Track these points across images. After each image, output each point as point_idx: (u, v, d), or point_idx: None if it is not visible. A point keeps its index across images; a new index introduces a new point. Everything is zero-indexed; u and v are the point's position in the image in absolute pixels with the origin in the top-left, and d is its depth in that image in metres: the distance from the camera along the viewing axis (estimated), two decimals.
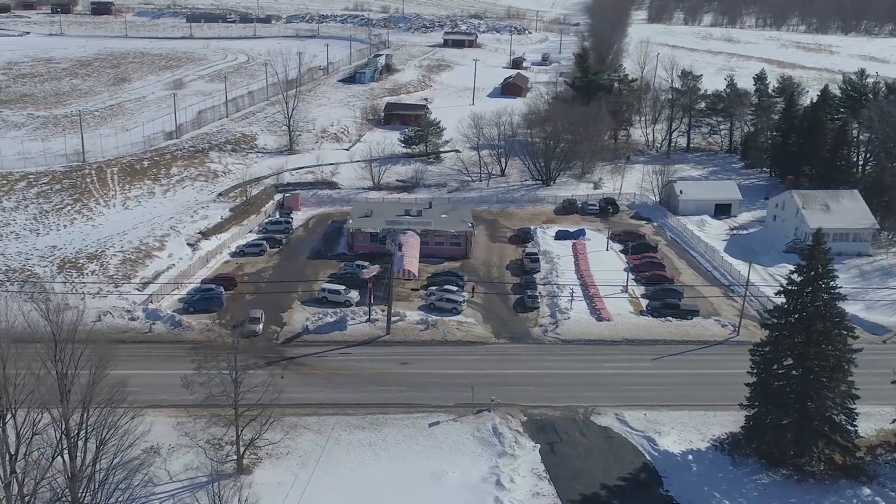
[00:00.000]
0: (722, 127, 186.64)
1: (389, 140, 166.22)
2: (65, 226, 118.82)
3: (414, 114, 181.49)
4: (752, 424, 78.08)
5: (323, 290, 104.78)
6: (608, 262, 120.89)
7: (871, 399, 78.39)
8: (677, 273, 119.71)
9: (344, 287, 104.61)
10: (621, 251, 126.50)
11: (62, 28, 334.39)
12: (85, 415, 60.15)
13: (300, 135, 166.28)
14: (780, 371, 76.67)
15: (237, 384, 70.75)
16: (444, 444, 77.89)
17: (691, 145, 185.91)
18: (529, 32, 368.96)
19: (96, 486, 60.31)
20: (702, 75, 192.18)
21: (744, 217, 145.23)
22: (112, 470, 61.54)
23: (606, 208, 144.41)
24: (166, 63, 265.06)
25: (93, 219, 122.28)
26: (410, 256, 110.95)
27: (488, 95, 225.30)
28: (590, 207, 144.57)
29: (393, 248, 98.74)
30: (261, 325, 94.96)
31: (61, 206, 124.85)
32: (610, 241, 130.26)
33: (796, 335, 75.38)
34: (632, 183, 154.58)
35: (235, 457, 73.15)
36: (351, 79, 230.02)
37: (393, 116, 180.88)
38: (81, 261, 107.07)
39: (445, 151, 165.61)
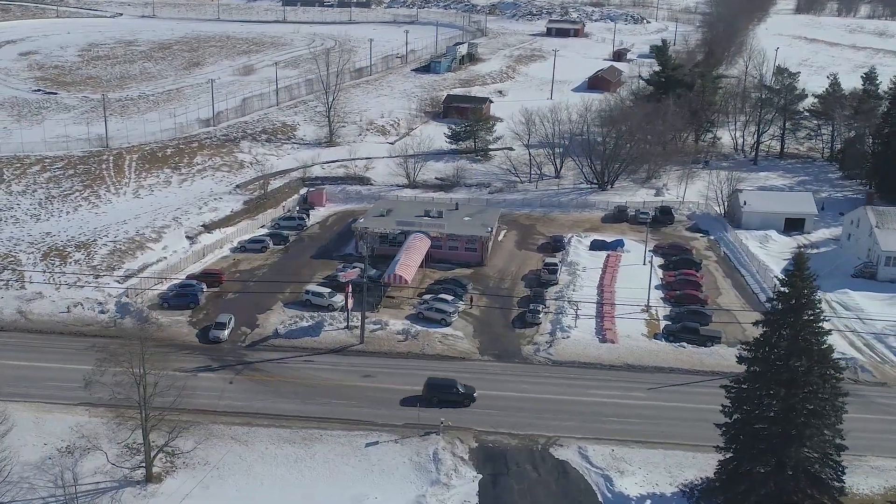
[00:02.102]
0: (823, 131, 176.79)
1: (441, 134, 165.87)
2: (67, 212, 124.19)
3: (474, 107, 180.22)
4: (725, 471, 73.39)
5: (307, 292, 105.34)
6: (640, 278, 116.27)
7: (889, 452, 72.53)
8: (716, 294, 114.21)
9: (329, 290, 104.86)
10: (660, 266, 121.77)
11: (154, 10, 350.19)
12: None
13: (343, 126, 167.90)
14: (757, 412, 71.65)
15: (142, 384, 71.46)
16: (375, 467, 76.80)
17: (786, 151, 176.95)
18: (647, 22, 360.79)
19: None
20: (799, 72, 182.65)
21: (820, 234, 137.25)
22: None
23: (660, 218, 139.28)
24: (247, 48, 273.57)
25: (98, 206, 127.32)
26: (407, 261, 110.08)
27: (573, 89, 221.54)
28: (642, 216, 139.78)
29: (366, 250, 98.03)
30: (226, 332, 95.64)
31: (69, 192, 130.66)
32: (652, 254, 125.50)
33: (773, 373, 70.26)
34: (698, 191, 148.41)
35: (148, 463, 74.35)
36: (426, 68, 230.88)
37: (452, 109, 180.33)
38: (69, 249, 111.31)
39: (495, 149, 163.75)
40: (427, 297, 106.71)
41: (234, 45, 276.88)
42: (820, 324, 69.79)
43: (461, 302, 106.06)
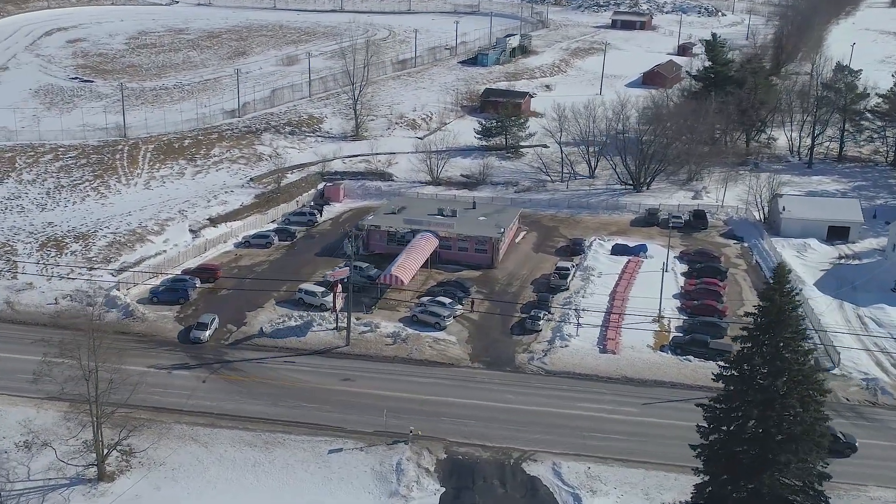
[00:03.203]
0: (887, 133, 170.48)
1: (473, 130, 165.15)
2: (74, 202, 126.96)
3: (513, 101, 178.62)
4: (700, 496, 71.05)
5: (300, 290, 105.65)
6: (659, 286, 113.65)
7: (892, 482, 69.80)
8: (738, 305, 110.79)
9: (323, 290, 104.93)
10: (683, 274, 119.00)
11: None
12: None
13: (373, 120, 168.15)
14: (732, 434, 69.16)
15: (92, 379, 72.22)
16: (334, 475, 76.61)
17: (845, 154, 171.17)
18: (723, 14, 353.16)
19: None
20: (861, 70, 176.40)
21: (866, 244, 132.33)
22: None
23: (693, 222, 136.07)
24: (297, 37, 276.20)
25: (106, 197, 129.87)
26: (407, 261, 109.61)
27: (626, 85, 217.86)
28: (673, 220, 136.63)
29: (350, 249, 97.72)
30: (208, 333, 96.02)
31: (79, 181, 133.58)
32: (677, 260, 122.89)
33: (749, 393, 67.74)
34: (737, 195, 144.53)
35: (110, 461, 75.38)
36: (473, 60, 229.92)
37: (489, 104, 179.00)
38: (68, 240, 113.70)
39: (528, 146, 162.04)
40: (425, 299, 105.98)
41: (285, 35, 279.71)
42: (801, 342, 66.89)
43: (459, 306, 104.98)
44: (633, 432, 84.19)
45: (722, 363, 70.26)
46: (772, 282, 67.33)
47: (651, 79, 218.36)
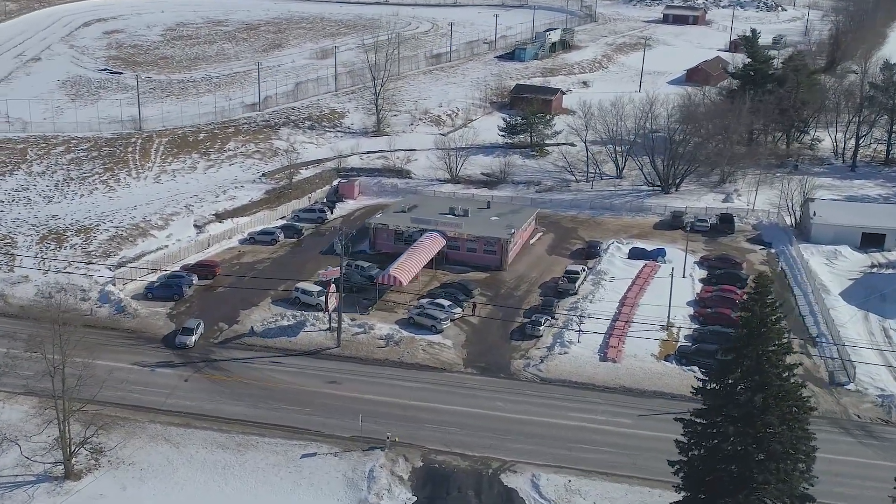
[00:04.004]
0: None
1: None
2: (81, 195, 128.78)
3: (543, 98, 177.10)
4: None
5: (296, 289, 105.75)
6: (675, 292, 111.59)
7: None
8: None
9: (319, 289, 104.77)
10: (701, 280, 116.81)
11: None
12: None
13: (396, 115, 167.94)
14: (710, 451, 67.46)
15: (57, 374, 72.79)
16: (304, 480, 76.44)
17: (893, 157, 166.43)
18: (783, 9, 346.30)
19: None
20: None
21: None
22: None
23: (720, 226, 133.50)
24: (336, 30, 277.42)
25: (115, 190, 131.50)
26: (408, 261, 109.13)
27: (669, 82, 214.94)
28: (699, 224, 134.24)
29: (340, 248, 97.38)
30: (193, 338, 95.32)
31: (89, 174, 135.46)
32: (697, 266, 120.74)
33: (729, 408, 66.01)
34: (767, 199, 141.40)
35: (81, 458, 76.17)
36: (510, 55, 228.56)
37: (519, 100, 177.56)
38: (69, 234, 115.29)
39: (555, 144, 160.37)
40: (424, 301, 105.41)
41: (324, 27, 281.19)
42: (784, 356, 64.92)
43: (459, 309, 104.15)
44: (624, 445, 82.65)
45: (701, 376, 68.44)
46: (753, 292, 65.72)
47: (694, 76, 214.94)
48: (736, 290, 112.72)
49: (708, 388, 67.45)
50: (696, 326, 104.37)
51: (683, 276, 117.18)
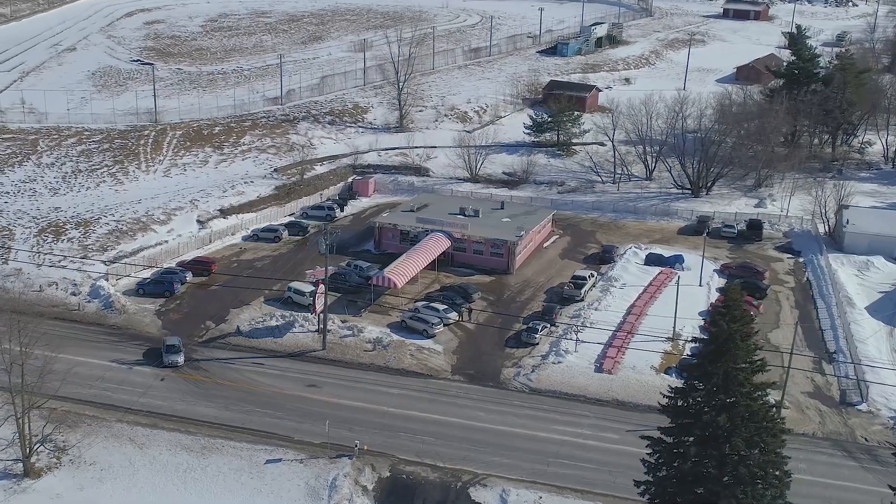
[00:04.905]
0: None
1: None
2: (87, 188, 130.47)
3: (577, 95, 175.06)
4: None
5: (289, 288, 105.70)
6: (687, 301, 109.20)
7: None
8: (771, 328, 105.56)
9: (312, 289, 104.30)
10: (718, 289, 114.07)
11: None
12: None
13: (421, 111, 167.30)
14: (675, 472, 65.60)
15: (14, 368, 73.37)
16: (265, 487, 76.14)
17: None
18: (853, 4, 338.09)
19: None
20: None
21: None
22: None
23: (747, 233, 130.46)
24: (381, 22, 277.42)
25: (122, 183, 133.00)
26: (406, 263, 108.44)
27: (718, 80, 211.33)
28: (725, 230, 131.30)
29: (323, 249, 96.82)
30: (181, 356, 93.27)
31: (98, 167, 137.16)
32: (716, 274, 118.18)
33: (694, 428, 64.12)
34: (801, 205, 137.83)
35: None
36: (552, 50, 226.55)
37: (552, 97, 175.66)
38: (68, 227, 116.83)
39: (584, 143, 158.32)
40: (420, 304, 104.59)
41: (369, 19, 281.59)
42: (753, 374, 62.77)
43: (454, 313, 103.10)
44: (605, 461, 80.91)
45: (667, 392, 66.54)
46: (721, 305, 63.77)
47: (745, 74, 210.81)
48: (752, 300, 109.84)
49: (674, 405, 65.57)
50: (704, 337, 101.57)
51: (700, 285, 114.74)
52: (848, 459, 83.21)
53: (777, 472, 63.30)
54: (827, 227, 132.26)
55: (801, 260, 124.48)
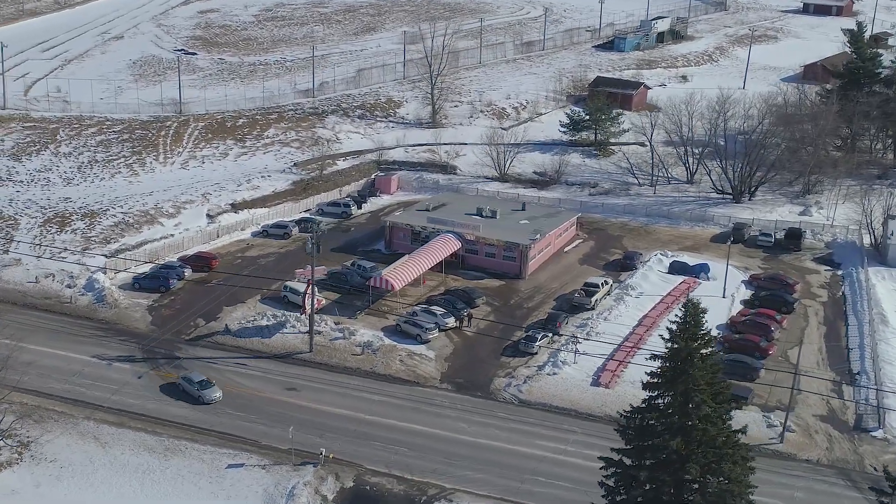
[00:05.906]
0: None
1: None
2: (102, 179, 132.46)
3: (623, 92, 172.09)
4: None
5: (286, 287, 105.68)
6: (707, 314, 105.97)
7: None
8: (794, 344, 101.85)
9: None
10: (743, 301, 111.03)
11: None
12: None
13: (456, 107, 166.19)
14: (632, 498, 63.60)
15: None
16: (223, 492, 76.22)
17: None
18: None
19: None
20: None
21: None
22: None
23: (785, 243, 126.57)
24: (439, 13, 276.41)
25: (138, 175, 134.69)
26: (407, 264, 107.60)
27: (783, 78, 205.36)
28: (762, 238, 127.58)
29: (311, 248, 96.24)
30: (219, 393, 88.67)
31: (115, 157, 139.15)
32: (744, 285, 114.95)
33: (650, 452, 62.07)
34: (845, 215, 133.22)
35: None
36: (609, 45, 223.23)
37: (598, 94, 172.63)
38: (74, 218, 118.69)
39: (621, 143, 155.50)
40: (418, 308, 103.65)
41: (427, 11, 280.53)
42: (711, 397, 60.38)
43: (450, 318, 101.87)
44: (583, 480, 78.03)
45: (624, 412, 64.29)
46: (681, 321, 61.50)
47: (812, 73, 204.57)
48: (775, 315, 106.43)
49: (632, 424, 63.46)
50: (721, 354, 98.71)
51: (724, 297, 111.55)
52: (850, 490, 79.91)
53: (738, 503, 60.80)
54: (872, 238, 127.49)
55: (839, 273, 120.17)
